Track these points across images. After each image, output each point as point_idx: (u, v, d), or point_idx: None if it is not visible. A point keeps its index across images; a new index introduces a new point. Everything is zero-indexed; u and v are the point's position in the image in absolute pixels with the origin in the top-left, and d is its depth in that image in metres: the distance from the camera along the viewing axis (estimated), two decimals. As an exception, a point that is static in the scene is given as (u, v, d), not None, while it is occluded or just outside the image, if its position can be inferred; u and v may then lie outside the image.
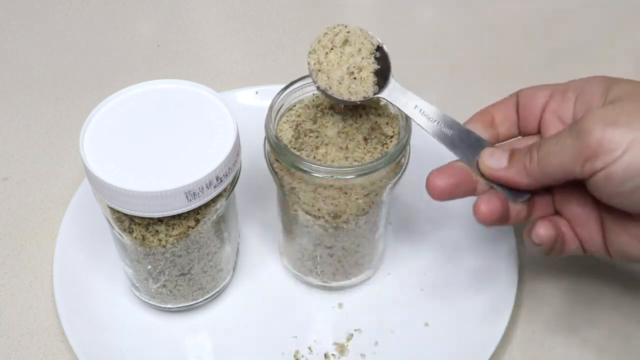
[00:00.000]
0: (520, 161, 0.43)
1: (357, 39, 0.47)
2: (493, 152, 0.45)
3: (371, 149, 0.49)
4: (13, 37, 0.77)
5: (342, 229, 0.50)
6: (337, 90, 0.47)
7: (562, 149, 0.41)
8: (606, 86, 0.43)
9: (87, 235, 0.57)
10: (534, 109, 0.47)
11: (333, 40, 0.47)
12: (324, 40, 0.47)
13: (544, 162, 0.42)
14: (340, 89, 0.47)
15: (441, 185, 0.45)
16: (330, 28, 0.48)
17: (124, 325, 0.53)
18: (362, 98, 0.47)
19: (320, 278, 0.55)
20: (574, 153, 0.40)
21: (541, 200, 0.46)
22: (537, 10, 0.82)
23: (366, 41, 0.47)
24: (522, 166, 0.43)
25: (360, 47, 0.47)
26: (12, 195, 0.62)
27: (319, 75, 0.47)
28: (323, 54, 0.47)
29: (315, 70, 0.47)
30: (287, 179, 0.48)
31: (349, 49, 0.47)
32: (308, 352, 0.52)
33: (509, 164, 0.44)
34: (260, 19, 0.80)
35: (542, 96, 0.47)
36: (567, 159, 0.41)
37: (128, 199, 0.44)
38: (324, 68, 0.47)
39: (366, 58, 0.47)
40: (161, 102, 0.49)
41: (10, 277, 0.56)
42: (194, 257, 0.50)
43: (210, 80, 0.72)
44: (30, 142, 0.66)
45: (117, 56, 0.75)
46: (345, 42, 0.47)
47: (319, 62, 0.47)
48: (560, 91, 0.46)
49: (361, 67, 0.47)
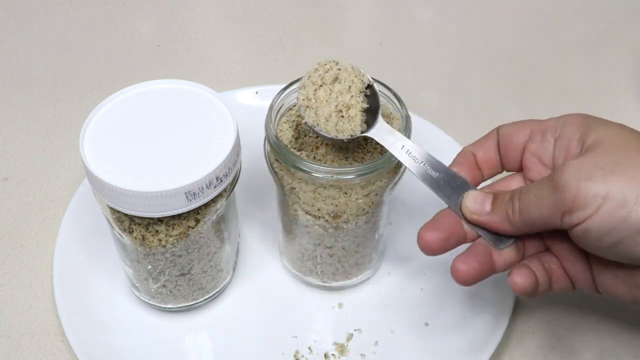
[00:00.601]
0: (502, 209, 0.43)
1: (347, 77, 0.47)
2: (476, 197, 0.44)
3: (371, 149, 0.49)
4: (13, 37, 0.77)
5: (342, 229, 0.50)
6: (325, 127, 0.46)
7: (540, 202, 0.41)
8: (584, 130, 0.43)
9: (87, 235, 0.57)
10: (514, 149, 0.46)
11: (323, 77, 0.47)
12: (314, 76, 0.47)
13: (524, 213, 0.42)
14: (328, 126, 0.46)
15: (431, 239, 0.44)
16: (321, 64, 0.47)
17: (124, 325, 0.53)
18: (349, 136, 0.46)
19: (320, 278, 0.55)
20: (552, 206, 0.40)
21: (531, 239, 0.46)
22: (537, 10, 0.82)
23: (357, 79, 0.47)
24: (505, 214, 0.43)
25: (350, 85, 0.46)
26: (12, 195, 0.62)
27: (307, 111, 0.47)
28: (312, 91, 0.47)
29: (304, 107, 0.47)
30: (287, 179, 0.48)
31: (338, 86, 0.46)
32: (308, 352, 0.52)
33: (492, 211, 0.44)
34: (260, 19, 0.80)
35: (522, 136, 0.46)
36: (546, 212, 0.40)
37: (128, 199, 0.44)
38: (312, 104, 0.46)
39: (355, 96, 0.46)
40: (161, 102, 0.49)
41: (10, 277, 0.56)
42: (194, 257, 0.50)
43: (210, 80, 0.72)
44: (30, 142, 0.66)
45: (117, 56, 0.75)
46: (335, 79, 0.47)
47: (308, 98, 0.47)
48: (538, 132, 0.45)
49: (349, 105, 0.46)
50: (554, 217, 0.40)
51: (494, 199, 0.44)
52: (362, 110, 0.46)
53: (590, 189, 0.38)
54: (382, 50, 0.77)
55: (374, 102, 0.47)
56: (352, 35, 0.79)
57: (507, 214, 0.43)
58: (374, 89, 0.47)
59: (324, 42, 0.77)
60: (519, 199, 0.42)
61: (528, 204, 0.42)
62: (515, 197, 0.43)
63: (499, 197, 0.44)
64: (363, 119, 0.46)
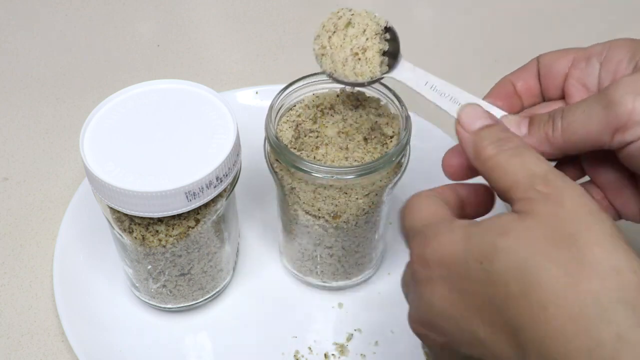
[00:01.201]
0: (541, 129, 0.40)
1: (361, 21, 0.46)
2: (511, 120, 0.41)
3: (371, 149, 0.49)
4: (13, 37, 0.77)
5: (342, 229, 0.50)
6: (343, 72, 0.46)
7: (589, 119, 0.38)
8: (633, 51, 0.40)
9: (87, 235, 0.57)
10: (556, 77, 0.44)
11: (336, 23, 0.46)
12: (327, 24, 0.47)
13: (568, 131, 0.38)
14: (346, 71, 0.46)
15: (455, 164, 0.41)
16: (334, 12, 0.47)
17: (124, 325, 0.53)
18: (369, 79, 0.46)
19: (320, 278, 0.55)
20: (602, 123, 0.37)
21: (569, 167, 0.43)
22: (537, 10, 0.82)
23: (371, 22, 0.46)
24: (544, 135, 0.39)
25: (365, 29, 0.46)
26: (12, 195, 0.62)
27: (323, 59, 0.46)
28: (326, 38, 0.46)
29: (320, 55, 0.46)
30: (287, 179, 0.48)
31: (352, 30, 0.46)
32: (308, 352, 0.52)
33: (529, 133, 0.40)
34: (260, 19, 0.80)
35: (564, 63, 0.43)
36: (595, 129, 0.37)
37: (128, 199, 0.44)
38: (328, 52, 0.46)
39: (371, 38, 0.46)
40: (161, 102, 0.49)
41: (10, 277, 0.56)
42: (194, 257, 0.50)
43: (210, 80, 0.72)
44: (30, 142, 0.66)
45: (117, 56, 0.75)
46: (348, 24, 0.46)
47: (323, 46, 0.46)
48: (583, 58, 0.43)
49: (365, 47, 0.45)
50: (603, 135, 0.37)
51: (530, 121, 0.41)
52: (381, 52, 0.46)
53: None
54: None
55: (394, 45, 0.46)
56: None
57: (546, 134, 0.39)
58: (394, 31, 0.46)
59: (324, 42, 0.77)
60: (561, 118, 0.39)
61: (573, 121, 0.38)
62: (558, 116, 0.39)
63: (535, 118, 0.40)
64: (383, 61, 0.46)
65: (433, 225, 0.36)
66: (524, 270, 0.32)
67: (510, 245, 0.32)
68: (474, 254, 0.34)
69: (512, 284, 0.32)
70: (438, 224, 0.36)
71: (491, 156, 0.37)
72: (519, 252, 0.32)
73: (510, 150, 0.36)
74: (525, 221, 0.33)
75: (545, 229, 0.32)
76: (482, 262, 0.33)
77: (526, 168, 0.35)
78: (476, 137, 0.38)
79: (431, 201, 0.38)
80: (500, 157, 0.36)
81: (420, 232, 0.37)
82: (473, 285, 0.34)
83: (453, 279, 0.35)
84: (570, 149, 0.39)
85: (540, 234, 0.32)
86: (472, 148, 0.38)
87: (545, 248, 0.32)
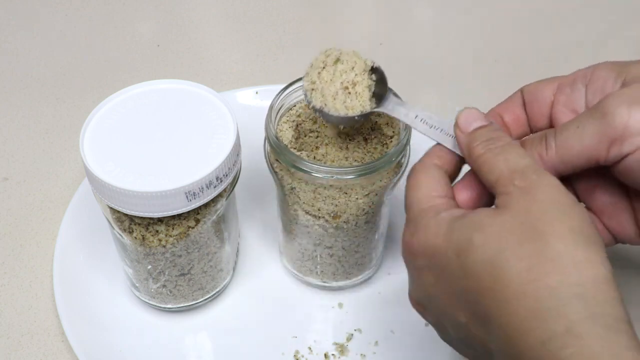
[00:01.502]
0: (534, 150, 0.40)
1: (349, 58, 0.46)
2: None
3: (371, 149, 0.49)
4: (13, 37, 0.77)
5: (342, 229, 0.50)
6: (333, 105, 0.46)
7: (583, 133, 0.38)
8: (618, 71, 0.40)
9: (87, 235, 0.57)
10: (542, 105, 0.44)
11: (325, 60, 0.46)
12: (316, 62, 0.47)
13: (563, 148, 0.39)
14: (336, 105, 0.46)
15: (465, 199, 0.41)
16: (322, 52, 0.47)
17: (124, 325, 0.53)
18: (360, 112, 0.45)
19: (320, 278, 0.55)
20: (597, 136, 0.37)
21: None
22: (537, 10, 0.82)
23: (359, 60, 0.46)
24: (538, 156, 0.40)
25: (353, 66, 0.46)
26: (12, 195, 0.62)
27: (313, 94, 0.46)
28: (316, 74, 0.46)
29: (309, 90, 0.46)
30: (287, 179, 0.48)
31: (341, 66, 0.46)
32: (308, 352, 0.52)
33: None
34: (260, 19, 0.80)
35: (549, 90, 0.44)
36: (590, 143, 0.37)
37: (128, 199, 0.44)
38: (317, 86, 0.46)
39: (360, 74, 0.46)
40: (161, 102, 0.49)
41: (10, 277, 0.56)
42: (194, 257, 0.50)
43: (210, 80, 0.72)
44: (30, 142, 0.66)
45: (117, 56, 0.75)
46: (337, 60, 0.46)
47: (312, 81, 0.46)
48: (567, 83, 0.43)
49: (355, 82, 0.46)
50: (599, 149, 0.37)
51: (522, 143, 0.41)
52: (369, 88, 0.46)
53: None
54: (382, 50, 0.77)
55: (381, 86, 0.46)
56: (352, 36, 0.79)
57: (539, 155, 0.40)
58: (381, 71, 0.46)
59: (324, 42, 0.77)
60: (555, 136, 0.39)
61: (568, 137, 0.39)
62: (551, 135, 0.39)
63: (528, 140, 0.41)
64: (371, 96, 0.46)
65: (425, 214, 0.38)
66: (494, 264, 0.34)
67: (484, 240, 0.34)
68: (453, 247, 0.36)
69: (484, 278, 0.34)
70: (429, 215, 0.38)
71: (480, 154, 0.38)
72: (491, 247, 0.34)
73: (498, 148, 0.38)
74: (501, 216, 0.35)
75: (516, 224, 0.34)
76: (460, 255, 0.35)
77: (508, 164, 0.36)
78: (470, 137, 0.39)
79: (435, 179, 0.40)
80: (488, 155, 0.38)
81: (411, 220, 0.39)
82: (452, 277, 0.36)
83: (436, 270, 0.37)
84: (565, 168, 0.39)
85: (511, 229, 0.34)
86: (466, 148, 0.39)
87: (513, 244, 0.34)
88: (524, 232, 0.34)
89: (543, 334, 0.32)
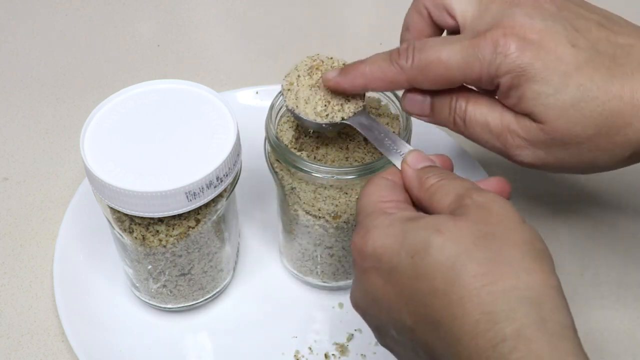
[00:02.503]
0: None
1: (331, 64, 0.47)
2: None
3: (371, 149, 0.49)
4: (13, 37, 0.77)
5: (343, 229, 0.50)
6: (304, 109, 0.46)
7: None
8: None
9: (87, 235, 0.57)
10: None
11: (310, 65, 0.47)
12: (300, 65, 0.47)
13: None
14: (307, 109, 0.46)
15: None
16: (309, 56, 0.48)
17: (124, 325, 0.53)
18: (328, 122, 0.46)
19: (321, 278, 0.55)
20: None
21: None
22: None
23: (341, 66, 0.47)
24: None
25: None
26: (12, 195, 0.62)
27: (288, 94, 0.47)
28: (295, 76, 0.47)
29: (286, 90, 0.47)
30: (287, 179, 0.48)
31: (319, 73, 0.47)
32: (308, 352, 0.52)
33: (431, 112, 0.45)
34: (260, 19, 0.80)
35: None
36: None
37: (128, 199, 0.44)
38: (294, 88, 0.47)
39: None
40: (161, 102, 0.49)
41: (10, 277, 0.56)
42: (194, 257, 0.50)
43: (210, 80, 0.72)
44: (30, 142, 0.66)
45: (117, 56, 0.75)
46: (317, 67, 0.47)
47: (290, 82, 0.47)
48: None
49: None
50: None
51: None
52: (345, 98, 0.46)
53: None
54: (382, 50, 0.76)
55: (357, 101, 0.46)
56: (352, 35, 0.79)
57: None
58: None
59: (324, 42, 0.77)
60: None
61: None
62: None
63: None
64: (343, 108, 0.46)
65: (374, 216, 0.39)
66: (449, 267, 0.35)
67: (442, 243, 0.35)
68: (406, 247, 0.36)
69: (437, 279, 0.35)
70: (379, 216, 0.39)
71: (435, 182, 0.39)
72: (448, 249, 0.35)
73: (451, 177, 0.40)
74: (459, 222, 0.36)
75: (474, 230, 0.35)
76: (414, 256, 0.36)
77: (464, 185, 0.39)
78: (420, 171, 0.41)
79: (384, 187, 0.41)
80: (443, 182, 0.39)
81: (361, 222, 0.39)
82: (402, 278, 0.36)
83: (385, 271, 0.37)
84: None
85: (469, 234, 0.35)
86: (417, 180, 0.40)
87: (469, 248, 0.35)
88: (481, 238, 0.35)
89: (495, 337, 0.33)
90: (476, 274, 0.34)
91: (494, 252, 0.35)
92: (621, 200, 0.60)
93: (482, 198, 0.37)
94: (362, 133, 0.45)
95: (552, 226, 0.59)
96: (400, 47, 0.44)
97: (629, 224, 0.59)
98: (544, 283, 0.34)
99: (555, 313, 0.33)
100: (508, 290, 0.33)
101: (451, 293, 0.34)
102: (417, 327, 0.36)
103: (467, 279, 0.34)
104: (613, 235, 0.58)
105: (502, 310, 0.33)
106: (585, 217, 0.59)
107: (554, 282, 0.35)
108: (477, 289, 0.34)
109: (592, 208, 0.60)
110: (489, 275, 0.34)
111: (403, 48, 0.43)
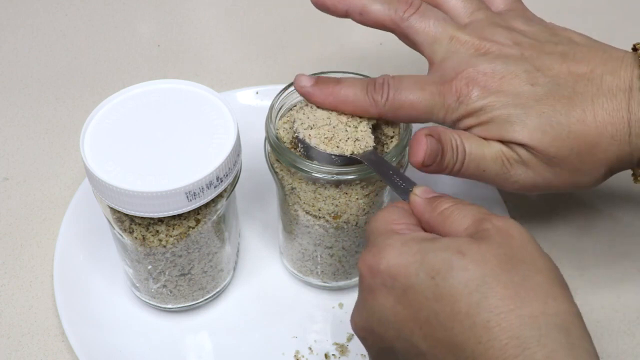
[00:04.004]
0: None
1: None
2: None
3: (371, 149, 0.49)
4: (13, 37, 0.77)
5: (343, 229, 0.50)
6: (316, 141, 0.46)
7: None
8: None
9: (87, 235, 0.57)
10: None
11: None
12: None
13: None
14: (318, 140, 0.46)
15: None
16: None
17: (124, 325, 0.53)
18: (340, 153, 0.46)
19: (321, 278, 0.55)
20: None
21: None
22: (537, 10, 0.82)
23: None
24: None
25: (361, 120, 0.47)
26: (12, 195, 0.62)
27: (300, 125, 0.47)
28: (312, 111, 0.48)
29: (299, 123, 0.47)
30: (287, 179, 0.48)
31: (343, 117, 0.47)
32: (308, 352, 0.52)
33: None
34: (260, 19, 0.80)
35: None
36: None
37: (128, 199, 0.44)
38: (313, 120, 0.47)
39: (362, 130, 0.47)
40: (161, 102, 0.49)
41: (10, 277, 0.56)
42: (194, 257, 0.50)
43: (210, 80, 0.72)
44: (30, 142, 0.66)
45: (117, 56, 0.75)
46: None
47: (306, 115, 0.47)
48: None
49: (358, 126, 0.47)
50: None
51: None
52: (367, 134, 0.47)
53: None
54: (382, 50, 0.77)
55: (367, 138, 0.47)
56: (352, 35, 0.78)
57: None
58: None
59: (324, 42, 0.77)
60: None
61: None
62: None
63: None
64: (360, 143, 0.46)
65: (387, 235, 0.38)
66: (474, 289, 0.34)
67: (466, 265, 0.35)
68: (426, 268, 0.35)
69: (460, 302, 0.34)
70: (392, 235, 0.38)
71: (447, 207, 0.39)
72: (472, 271, 0.34)
73: (462, 202, 0.40)
74: (481, 245, 0.35)
75: (498, 254, 0.35)
76: (435, 277, 0.35)
77: (480, 210, 0.38)
78: (432, 200, 0.40)
79: (394, 211, 0.41)
80: (458, 205, 0.39)
81: (373, 242, 0.39)
82: (420, 298, 0.35)
83: (399, 290, 0.36)
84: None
85: (494, 258, 0.35)
86: (428, 205, 0.40)
87: (495, 271, 0.34)
88: (506, 262, 0.35)
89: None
90: (503, 297, 0.33)
91: (520, 277, 0.34)
92: (621, 200, 0.60)
93: (501, 223, 0.37)
94: (371, 167, 0.45)
95: (552, 226, 0.59)
96: (377, 80, 0.46)
97: (629, 224, 0.59)
98: (569, 310, 0.34)
99: (581, 340, 0.33)
100: (536, 315, 0.33)
101: (476, 315, 0.33)
102: (430, 351, 0.35)
103: (494, 302, 0.33)
104: (613, 235, 0.58)
105: (532, 336, 0.32)
106: (584, 217, 0.59)
107: (576, 310, 0.35)
108: (504, 312, 0.33)
109: (592, 208, 0.60)
110: (516, 299, 0.33)
111: (379, 83, 0.45)
